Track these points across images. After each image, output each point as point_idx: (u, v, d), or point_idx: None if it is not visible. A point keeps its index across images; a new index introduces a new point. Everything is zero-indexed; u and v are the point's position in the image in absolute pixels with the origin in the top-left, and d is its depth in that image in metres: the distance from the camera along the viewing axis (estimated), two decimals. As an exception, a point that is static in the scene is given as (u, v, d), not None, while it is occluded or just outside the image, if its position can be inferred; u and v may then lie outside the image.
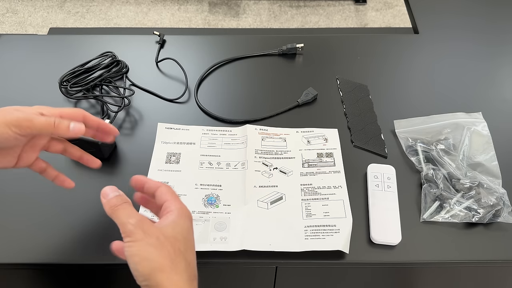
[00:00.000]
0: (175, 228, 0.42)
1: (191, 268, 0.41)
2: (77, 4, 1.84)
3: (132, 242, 0.39)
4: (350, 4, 1.43)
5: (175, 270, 0.39)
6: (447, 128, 0.70)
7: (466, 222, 0.61)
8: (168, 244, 0.40)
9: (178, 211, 0.43)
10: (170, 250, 0.40)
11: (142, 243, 0.39)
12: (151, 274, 0.38)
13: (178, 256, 0.40)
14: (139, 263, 0.38)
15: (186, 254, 0.41)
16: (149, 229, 0.40)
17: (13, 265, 0.58)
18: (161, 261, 0.39)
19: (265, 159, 0.67)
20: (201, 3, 1.62)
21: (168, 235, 0.40)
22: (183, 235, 0.42)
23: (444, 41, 0.89)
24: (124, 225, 0.40)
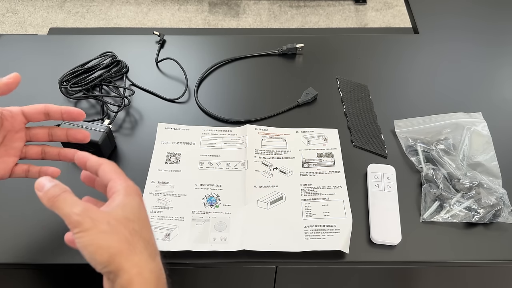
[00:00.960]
0: (124, 209, 0.39)
1: (150, 245, 0.39)
2: (77, 4, 1.84)
3: (82, 233, 0.37)
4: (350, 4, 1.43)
5: (134, 251, 0.37)
6: (447, 128, 0.70)
7: (466, 222, 0.61)
8: (121, 227, 0.38)
9: (124, 190, 0.41)
10: (124, 232, 0.38)
11: (93, 232, 0.37)
12: (110, 260, 0.36)
13: (134, 236, 0.38)
14: (95, 252, 0.36)
15: (142, 232, 0.39)
16: (97, 215, 0.38)
17: (13, 265, 0.58)
18: (117, 245, 0.37)
19: (265, 159, 0.67)
20: (201, 3, 1.62)
21: (119, 217, 0.38)
22: (135, 214, 0.40)
23: (444, 41, 0.89)
24: (68, 216, 0.38)
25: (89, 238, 0.37)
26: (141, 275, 0.37)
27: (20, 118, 0.50)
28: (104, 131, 0.65)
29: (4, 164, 0.49)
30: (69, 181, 0.62)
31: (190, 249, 0.57)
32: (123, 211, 0.39)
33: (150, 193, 0.63)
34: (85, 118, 0.51)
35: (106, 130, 0.65)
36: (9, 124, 0.49)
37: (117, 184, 0.42)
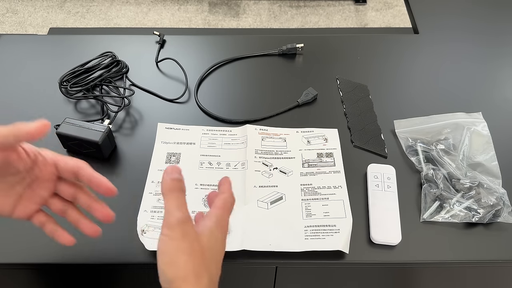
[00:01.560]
0: (210, 238, 0.41)
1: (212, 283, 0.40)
2: (77, 4, 1.84)
3: (168, 239, 0.38)
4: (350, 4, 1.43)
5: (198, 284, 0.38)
6: (447, 128, 0.70)
7: (466, 222, 0.61)
8: (199, 255, 0.39)
9: (216, 219, 0.42)
10: (199, 262, 0.39)
11: (176, 244, 0.38)
12: (173, 280, 0.38)
13: (204, 270, 0.39)
14: (168, 265, 0.38)
15: (211, 268, 0.40)
16: (189, 232, 0.39)
17: (13, 265, 0.58)
18: (187, 271, 0.38)
19: (265, 159, 0.67)
20: (201, 3, 1.62)
21: (203, 245, 0.40)
22: (214, 246, 0.41)
23: (444, 41, 0.89)
24: (168, 214, 0.39)
25: (170, 248, 0.38)
26: None
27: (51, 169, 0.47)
28: (104, 131, 0.65)
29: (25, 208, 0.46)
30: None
31: (190, 249, 0.57)
32: (208, 240, 0.41)
33: (150, 193, 0.63)
34: (114, 193, 0.48)
35: (106, 130, 0.65)
36: (39, 171, 0.46)
37: (215, 211, 0.43)
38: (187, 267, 0.38)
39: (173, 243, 0.38)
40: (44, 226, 0.48)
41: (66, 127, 0.65)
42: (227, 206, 0.44)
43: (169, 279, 0.38)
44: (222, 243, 0.43)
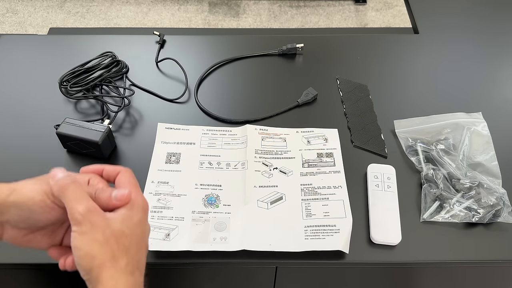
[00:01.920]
0: (124, 221, 0.40)
1: (133, 261, 0.40)
2: (77, 4, 1.84)
3: (78, 234, 0.38)
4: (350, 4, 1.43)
5: (114, 264, 0.38)
6: (447, 128, 0.70)
7: (466, 222, 0.61)
8: (112, 240, 0.39)
9: (130, 203, 0.41)
10: (113, 246, 0.39)
11: (87, 237, 0.38)
12: (91, 270, 0.38)
13: (121, 252, 0.39)
14: (82, 258, 0.38)
15: (131, 248, 0.40)
16: (97, 221, 0.39)
17: (13, 265, 0.58)
18: (102, 257, 0.38)
19: (265, 159, 0.67)
20: (201, 3, 1.62)
21: (115, 229, 0.39)
22: (131, 229, 0.40)
23: (444, 41, 0.89)
24: (72, 211, 0.38)
25: (81, 242, 0.38)
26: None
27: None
28: (104, 131, 0.65)
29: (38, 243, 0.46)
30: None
31: (190, 249, 0.57)
32: (121, 223, 0.40)
33: (150, 193, 0.63)
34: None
35: (106, 130, 0.65)
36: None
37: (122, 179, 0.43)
38: (101, 255, 0.38)
39: (83, 237, 0.38)
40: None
41: (66, 127, 0.65)
42: (133, 182, 0.43)
43: (87, 270, 0.38)
44: (140, 224, 0.42)
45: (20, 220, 0.41)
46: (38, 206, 0.40)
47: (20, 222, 0.41)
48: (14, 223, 0.41)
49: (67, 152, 0.68)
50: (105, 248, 0.38)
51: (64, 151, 0.68)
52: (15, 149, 0.68)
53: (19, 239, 0.42)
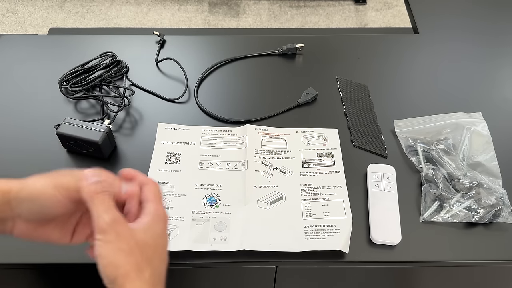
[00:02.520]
0: (147, 232, 0.41)
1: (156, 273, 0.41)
2: (77, 4, 1.84)
3: (103, 243, 0.39)
4: (350, 4, 1.43)
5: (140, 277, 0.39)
6: (447, 128, 0.70)
7: (466, 222, 0.61)
8: (137, 251, 0.39)
9: (152, 214, 0.42)
10: (138, 257, 0.39)
11: (112, 246, 0.39)
12: (116, 279, 0.38)
13: (145, 263, 0.40)
14: (107, 267, 0.38)
15: (154, 260, 0.41)
16: (122, 231, 0.40)
17: (13, 265, 0.58)
18: (127, 268, 0.39)
19: (265, 159, 0.67)
20: (201, 3, 1.62)
21: (139, 240, 0.40)
22: (154, 239, 0.41)
23: (444, 41, 0.89)
24: (98, 219, 0.39)
25: (106, 251, 0.39)
26: None
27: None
28: (104, 131, 0.65)
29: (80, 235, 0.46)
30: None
31: (190, 249, 0.57)
32: (144, 234, 0.41)
33: (150, 193, 0.63)
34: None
35: (106, 130, 0.65)
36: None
37: (149, 206, 0.43)
38: (126, 265, 0.38)
39: (108, 246, 0.39)
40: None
41: (66, 127, 0.65)
42: (158, 196, 0.44)
43: (111, 279, 0.38)
44: (162, 236, 0.43)
45: (31, 213, 0.41)
46: (49, 200, 0.41)
47: (31, 215, 0.42)
48: (25, 217, 0.42)
49: (67, 152, 0.68)
50: (130, 258, 0.39)
51: (64, 151, 0.68)
52: (15, 149, 0.68)
53: (30, 232, 0.43)
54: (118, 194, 0.43)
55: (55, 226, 0.44)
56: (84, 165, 0.67)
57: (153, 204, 0.43)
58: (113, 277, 0.38)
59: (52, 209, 0.42)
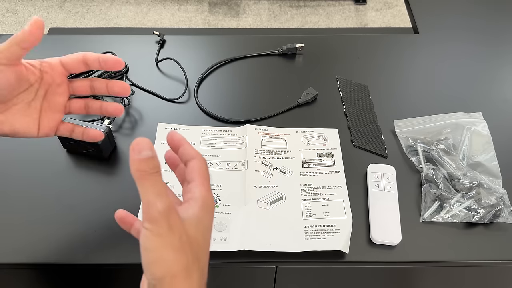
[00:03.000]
0: (198, 226, 0.36)
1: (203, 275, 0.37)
2: (77, 4, 1.84)
3: (153, 235, 0.33)
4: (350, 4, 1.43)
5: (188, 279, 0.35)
6: (447, 128, 0.70)
7: (466, 222, 0.61)
8: (188, 249, 0.35)
9: (201, 202, 0.37)
10: (188, 255, 0.35)
11: (163, 240, 0.34)
12: (163, 278, 0.34)
13: (194, 264, 0.36)
14: (154, 263, 0.34)
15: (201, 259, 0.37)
16: (175, 223, 0.34)
17: (13, 265, 0.58)
18: (177, 268, 0.34)
19: (265, 159, 0.67)
20: (201, 3, 1.62)
21: (191, 235, 0.36)
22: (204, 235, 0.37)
23: (444, 41, 0.89)
24: (149, 206, 0.34)
25: (155, 245, 0.34)
26: None
27: (59, 69, 0.47)
28: (104, 131, 0.65)
29: (49, 120, 0.46)
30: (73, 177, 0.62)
31: (190, 249, 0.56)
32: (196, 229, 0.36)
33: (150, 193, 0.62)
34: (123, 65, 0.48)
35: (106, 130, 0.65)
36: (49, 77, 0.47)
37: (197, 190, 0.38)
38: (176, 264, 0.34)
39: (158, 239, 0.34)
40: (73, 132, 0.50)
41: (70, 121, 0.65)
42: (206, 176, 0.38)
43: (157, 277, 0.34)
44: (209, 229, 0.38)
45: None
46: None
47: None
48: None
49: (66, 152, 0.68)
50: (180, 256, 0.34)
51: (64, 151, 0.68)
52: (15, 149, 0.68)
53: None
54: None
55: (16, 112, 0.43)
56: (83, 165, 0.67)
57: (202, 189, 0.38)
58: (160, 275, 0.34)
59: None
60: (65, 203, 0.62)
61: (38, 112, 0.44)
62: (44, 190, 0.63)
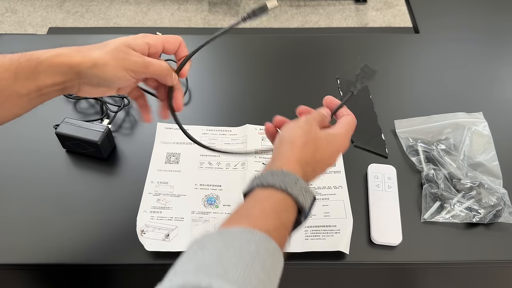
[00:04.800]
0: (327, 137, 0.46)
1: (313, 161, 0.44)
2: (77, 4, 1.84)
3: (293, 122, 0.46)
4: (350, 3, 1.42)
5: (301, 148, 0.43)
6: (448, 128, 0.70)
7: (467, 222, 0.61)
8: (312, 135, 0.44)
9: (339, 133, 0.47)
10: (310, 138, 0.44)
11: (297, 125, 0.45)
12: (286, 141, 0.44)
13: (312, 146, 0.44)
14: (286, 130, 0.45)
15: (317, 153, 0.44)
16: (312, 125, 0.46)
17: (13, 266, 0.57)
18: (298, 140, 0.43)
19: (265, 159, 0.67)
20: (201, 3, 1.62)
21: (318, 135, 0.45)
22: (327, 146, 0.45)
23: (445, 40, 0.89)
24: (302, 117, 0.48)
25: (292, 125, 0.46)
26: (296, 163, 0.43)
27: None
28: (104, 131, 0.64)
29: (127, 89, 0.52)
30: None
31: (189, 249, 0.56)
32: (326, 141, 0.46)
33: (150, 193, 0.62)
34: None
35: (105, 130, 0.65)
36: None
37: (341, 126, 0.49)
38: (299, 138, 0.44)
39: (295, 123, 0.46)
40: (137, 99, 0.55)
41: (65, 127, 0.65)
42: (352, 126, 0.50)
43: (282, 141, 0.44)
44: (333, 150, 0.46)
45: (98, 85, 0.46)
46: (119, 80, 0.46)
47: (97, 85, 0.46)
48: (91, 85, 0.46)
49: (66, 152, 0.68)
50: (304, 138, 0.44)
51: (63, 151, 0.68)
52: (15, 149, 0.68)
53: (93, 93, 0.48)
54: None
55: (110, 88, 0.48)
56: (83, 165, 0.66)
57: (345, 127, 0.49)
58: (286, 138, 0.44)
59: (118, 85, 0.48)
60: (64, 203, 0.62)
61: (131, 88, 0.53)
62: (44, 190, 0.63)
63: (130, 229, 0.58)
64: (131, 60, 0.46)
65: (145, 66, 0.47)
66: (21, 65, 0.43)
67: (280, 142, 0.45)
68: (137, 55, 0.47)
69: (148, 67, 0.47)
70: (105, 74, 0.45)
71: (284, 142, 0.44)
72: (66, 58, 0.44)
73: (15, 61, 0.43)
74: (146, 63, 0.47)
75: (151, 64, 0.48)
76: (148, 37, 0.50)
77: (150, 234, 0.58)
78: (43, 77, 0.44)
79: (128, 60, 0.46)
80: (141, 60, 0.47)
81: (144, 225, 0.58)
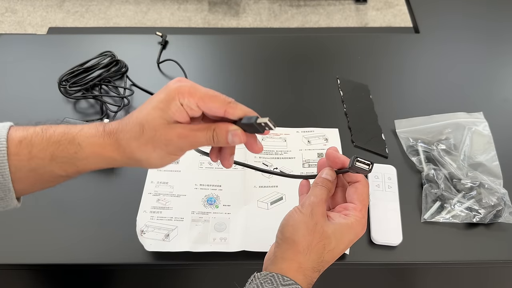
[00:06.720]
0: (336, 233, 0.42)
1: (317, 267, 0.42)
2: (76, 4, 1.84)
3: (297, 210, 0.43)
4: (350, 3, 1.43)
5: (304, 254, 0.40)
6: (448, 128, 0.70)
7: (467, 222, 0.61)
8: (318, 236, 0.41)
9: (352, 221, 0.42)
10: (314, 240, 0.41)
11: (302, 216, 0.42)
12: (287, 239, 0.41)
13: (318, 248, 0.41)
14: (288, 226, 0.42)
15: (324, 255, 0.42)
16: (317, 213, 0.42)
17: (13, 266, 0.57)
18: (300, 239, 0.41)
19: (265, 159, 0.67)
20: (201, 3, 1.62)
21: (325, 231, 0.41)
22: (338, 242, 0.42)
23: (445, 40, 0.88)
24: (306, 198, 0.44)
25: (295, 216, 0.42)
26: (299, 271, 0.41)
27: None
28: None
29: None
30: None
31: (189, 250, 0.56)
32: (333, 233, 0.42)
33: (150, 193, 0.62)
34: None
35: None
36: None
37: (352, 214, 0.43)
38: (302, 237, 0.41)
39: (299, 215, 0.42)
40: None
41: (69, 122, 0.65)
42: (365, 202, 0.44)
43: (284, 236, 0.42)
44: (347, 244, 0.43)
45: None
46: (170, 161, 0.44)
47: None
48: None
49: (66, 152, 0.68)
50: (308, 234, 0.41)
51: (63, 151, 0.68)
52: (14, 149, 0.68)
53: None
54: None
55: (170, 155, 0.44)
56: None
57: (357, 215, 0.43)
58: (287, 236, 0.41)
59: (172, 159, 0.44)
60: (64, 203, 0.62)
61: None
62: (43, 190, 0.63)
63: (130, 229, 0.58)
64: (175, 146, 0.41)
65: (192, 145, 0.42)
66: (60, 148, 0.39)
67: (282, 237, 0.42)
68: (180, 135, 0.41)
69: (195, 146, 0.43)
70: (151, 165, 0.42)
71: (286, 241, 0.41)
72: (107, 152, 0.40)
73: (54, 143, 0.39)
74: (193, 142, 0.42)
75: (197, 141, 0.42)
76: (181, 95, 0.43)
77: (150, 234, 0.58)
78: (84, 163, 0.40)
79: (172, 147, 0.41)
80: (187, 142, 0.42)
81: (144, 225, 0.58)
